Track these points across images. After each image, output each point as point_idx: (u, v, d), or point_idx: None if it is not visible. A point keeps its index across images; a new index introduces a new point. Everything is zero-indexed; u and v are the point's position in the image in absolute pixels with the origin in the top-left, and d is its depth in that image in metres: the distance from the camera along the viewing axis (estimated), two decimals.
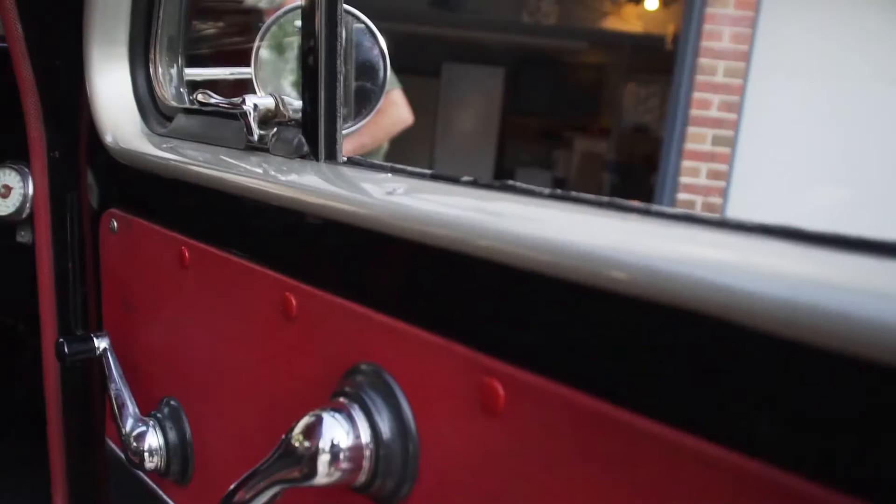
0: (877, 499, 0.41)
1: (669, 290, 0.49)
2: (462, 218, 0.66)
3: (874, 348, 0.39)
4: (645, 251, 0.52)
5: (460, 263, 0.65)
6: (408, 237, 0.70)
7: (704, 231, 0.56)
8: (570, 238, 0.57)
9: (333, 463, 0.72)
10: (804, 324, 0.42)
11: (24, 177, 1.54)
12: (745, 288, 0.45)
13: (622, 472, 0.53)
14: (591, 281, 0.54)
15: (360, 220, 0.76)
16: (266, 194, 0.89)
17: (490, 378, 0.63)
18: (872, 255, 0.46)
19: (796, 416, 0.44)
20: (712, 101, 5.60)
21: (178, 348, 1.15)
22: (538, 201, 0.68)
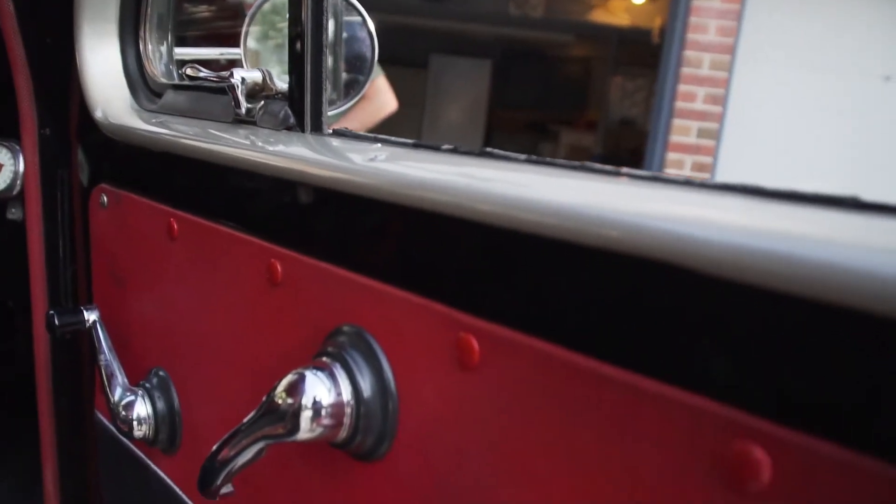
0: (830, 434, 0.43)
1: (635, 243, 0.51)
2: (439, 180, 0.68)
3: (828, 290, 0.42)
4: (612, 207, 0.54)
5: (438, 224, 0.68)
6: (387, 200, 0.72)
7: (669, 189, 0.58)
8: (541, 196, 0.59)
9: (315, 419, 0.74)
10: (753, 268, 0.44)
11: (14, 154, 1.54)
12: (705, 237, 0.48)
13: (591, 419, 0.56)
14: (561, 236, 0.56)
15: (342, 185, 0.78)
16: (252, 164, 0.91)
17: (466, 334, 0.65)
18: (821, 208, 0.49)
19: (745, 355, 0.46)
20: (698, 94, 5.63)
21: (167, 319, 1.17)
22: (514, 166, 0.70)
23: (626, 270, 0.53)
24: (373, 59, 1.47)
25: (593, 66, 10.68)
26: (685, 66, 5.61)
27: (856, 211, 0.48)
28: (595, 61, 10.61)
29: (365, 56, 1.47)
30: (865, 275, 0.40)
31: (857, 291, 0.40)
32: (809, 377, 0.43)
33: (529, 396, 0.60)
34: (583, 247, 0.55)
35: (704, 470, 0.48)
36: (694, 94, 5.64)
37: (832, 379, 0.42)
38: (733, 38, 5.56)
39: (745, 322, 0.46)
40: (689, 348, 0.49)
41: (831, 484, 0.42)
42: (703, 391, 0.48)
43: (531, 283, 0.60)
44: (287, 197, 0.87)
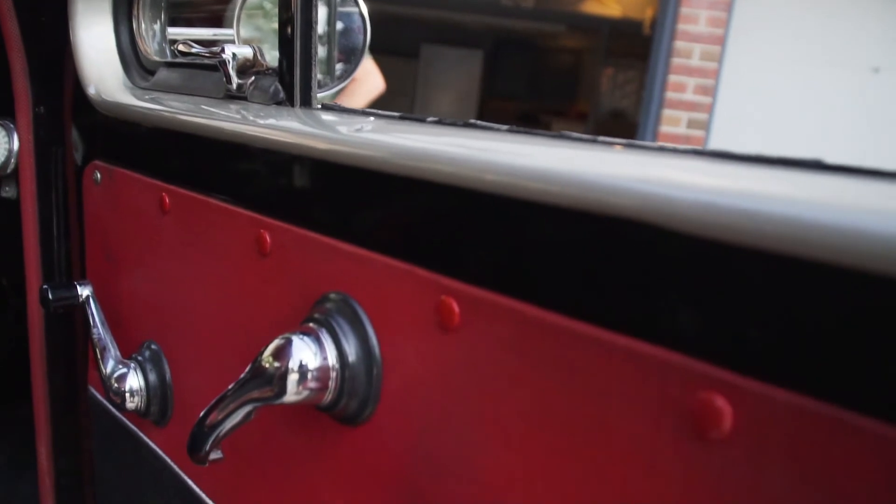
0: (787, 382, 0.45)
1: (605, 203, 0.53)
2: (421, 149, 0.70)
3: (787, 243, 0.43)
4: (584, 170, 0.56)
5: (420, 191, 0.69)
6: (372, 168, 0.74)
7: (640, 154, 0.60)
8: (517, 161, 0.61)
9: (301, 382, 0.75)
10: (716, 224, 0.46)
11: (8, 132, 1.55)
12: (671, 196, 0.49)
13: (565, 375, 0.57)
14: (536, 198, 0.58)
15: (327, 155, 0.79)
16: (242, 136, 0.92)
17: (447, 297, 0.66)
18: (786, 169, 0.50)
19: (708, 308, 0.48)
20: (688, 85, 5.65)
21: (159, 293, 1.18)
22: (496, 135, 0.72)
23: (595, 230, 0.55)
24: (365, 40, 1.48)
25: (584, 56, 10.69)
26: (675, 57, 5.62)
27: (818, 171, 0.50)
28: (586, 52, 10.61)
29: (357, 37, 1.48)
30: (823, 228, 0.42)
31: (815, 244, 0.42)
32: (769, 328, 0.45)
33: (506, 355, 0.62)
34: (555, 208, 0.57)
35: (671, 420, 0.50)
36: (684, 85, 5.65)
37: (790, 329, 0.44)
38: (723, 29, 5.57)
39: (709, 277, 0.48)
40: (657, 303, 0.51)
41: (789, 429, 0.44)
42: (671, 344, 0.50)
43: (507, 245, 0.62)
44: (275, 168, 0.89)
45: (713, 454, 0.48)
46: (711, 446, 0.48)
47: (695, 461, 0.49)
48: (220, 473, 1.06)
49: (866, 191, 0.46)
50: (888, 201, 0.44)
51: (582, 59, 10.74)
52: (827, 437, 0.42)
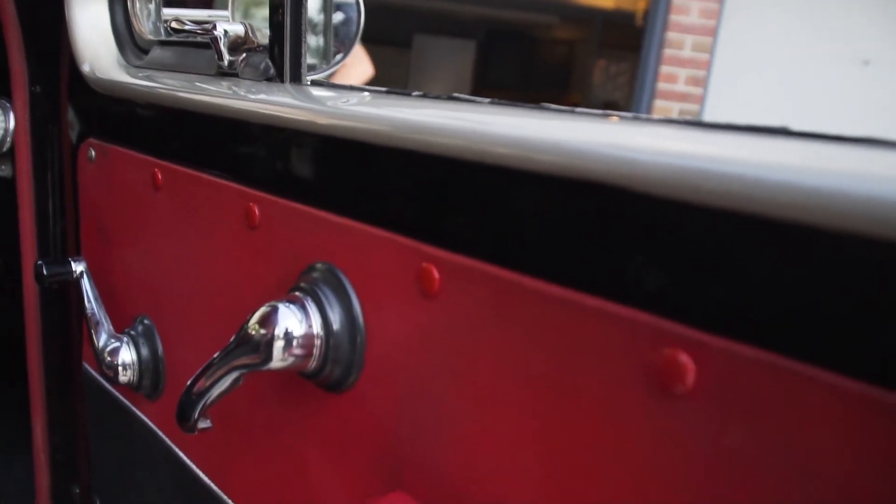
0: (747, 337, 0.46)
1: (575, 167, 0.54)
2: (403, 119, 0.71)
3: (749, 203, 0.45)
4: (558, 137, 0.57)
5: (402, 160, 0.70)
6: (356, 138, 0.75)
7: (614, 123, 0.61)
8: (493, 129, 0.62)
9: (287, 349, 0.76)
10: (683, 186, 0.47)
11: (5, 111, 1.55)
12: (639, 159, 0.50)
13: (539, 337, 0.58)
14: (511, 164, 0.59)
15: (313, 127, 0.80)
16: (231, 111, 0.93)
17: (427, 264, 0.67)
18: (754, 136, 0.52)
19: (673, 268, 0.49)
20: (679, 76, 5.66)
21: (152, 268, 1.19)
22: (478, 108, 0.73)
23: (567, 195, 0.56)
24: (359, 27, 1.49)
25: (577, 48, 10.65)
26: (667, 48, 5.62)
27: (783, 137, 0.51)
28: (579, 43, 10.58)
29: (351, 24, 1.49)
30: (783, 188, 0.43)
31: (775, 203, 0.43)
32: (730, 286, 0.46)
33: (484, 318, 0.63)
34: (528, 174, 0.58)
35: (638, 376, 0.51)
36: (676, 76, 5.66)
37: (750, 287, 0.45)
38: (715, 21, 5.58)
39: (673, 238, 0.49)
40: (625, 265, 0.52)
41: (749, 382, 0.45)
42: (638, 304, 0.51)
43: (482, 212, 0.63)
44: (263, 142, 0.90)
45: (677, 408, 0.49)
46: (676, 401, 0.49)
47: (660, 415, 0.50)
48: (210, 444, 1.07)
49: (827, 154, 0.47)
50: (846, 163, 0.45)
51: (575, 50, 10.71)
52: (786, 390, 0.44)
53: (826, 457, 0.42)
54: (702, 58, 5.60)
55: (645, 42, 5.78)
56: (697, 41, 5.56)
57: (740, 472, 0.46)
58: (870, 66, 5.49)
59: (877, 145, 0.47)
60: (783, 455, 0.44)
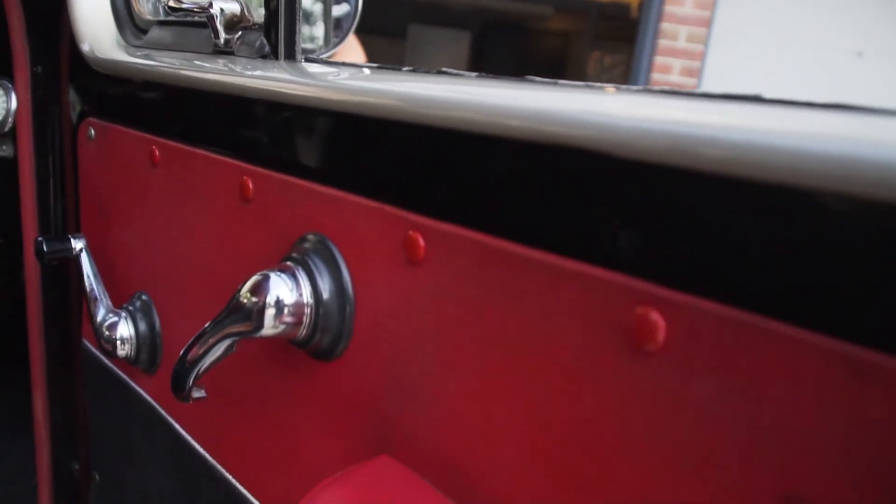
0: (715, 294, 0.47)
1: (554, 133, 0.55)
2: (389, 90, 0.72)
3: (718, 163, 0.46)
4: (537, 104, 0.58)
5: (390, 130, 0.71)
6: (345, 110, 0.76)
7: (595, 93, 0.62)
8: (474, 98, 0.63)
9: (278, 316, 0.77)
10: (654, 148, 0.48)
11: (6, 91, 1.56)
12: (613, 124, 0.51)
13: (520, 299, 0.59)
14: (492, 132, 0.60)
15: (305, 101, 0.81)
16: (226, 86, 0.94)
17: (413, 231, 0.68)
18: (727, 102, 0.53)
19: (645, 229, 0.50)
20: (674, 66, 5.65)
21: (149, 244, 1.20)
22: (465, 80, 0.74)
23: (544, 160, 0.57)
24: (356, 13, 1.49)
25: (572, 39, 10.61)
26: (662, 39, 5.62)
27: (756, 104, 0.52)
28: (573, 35, 10.54)
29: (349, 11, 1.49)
30: (754, 147, 0.44)
31: (740, 163, 0.44)
32: (698, 245, 0.47)
33: (466, 283, 0.64)
34: (508, 141, 0.59)
35: (612, 335, 0.52)
36: (670, 67, 5.65)
37: (718, 245, 0.46)
38: (710, 12, 5.57)
39: (645, 199, 0.50)
40: (599, 226, 0.53)
41: (717, 338, 0.46)
42: (612, 265, 0.52)
43: (466, 179, 0.64)
44: (257, 116, 0.91)
45: (648, 364, 0.50)
46: (647, 357, 0.50)
47: (633, 371, 0.51)
48: (204, 415, 1.08)
49: (794, 118, 0.48)
50: (811, 125, 0.46)
51: (569, 41, 10.66)
52: (751, 344, 0.45)
53: (790, 408, 0.44)
54: (696, 49, 5.59)
55: (640, 33, 5.77)
56: (692, 32, 5.56)
57: (708, 425, 0.47)
58: (863, 57, 5.49)
59: (844, 110, 0.48)
60: (749, 407, 0.45)
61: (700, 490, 0.48)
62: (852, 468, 0.41)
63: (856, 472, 0.41)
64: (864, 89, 5.41)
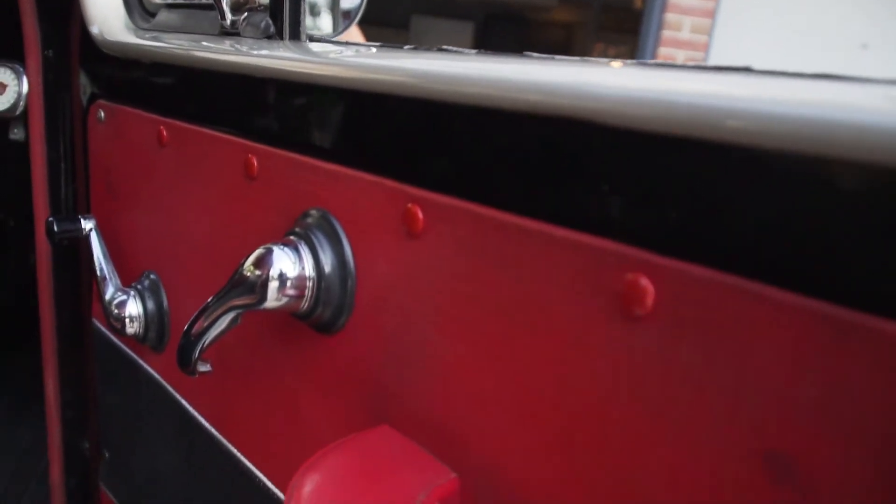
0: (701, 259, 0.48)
1: (546, 104, 0.56)
2: (390, 65, 0.73)
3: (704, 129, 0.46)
4: (531, 77, 0.59)
5: (390, 106, 0.72)
6: (347, 86, 0.77)
7: (590, 66, 0.63)
8: (468, 72, 0.64)
9: (281, 289, 0.78)
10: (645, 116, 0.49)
11: (18, 75, 1.58)
12: (604, 94, 0.52)
13: (515, 269, 0.60)
14: (488, 104, 0.61)
15: (308, 77, 0.82)
16: (231, 65, 0.95)
17: (412, 205, 0.69)
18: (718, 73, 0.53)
19: (634, 195, 0.51)
20: (677, 57, 5.63)
21: (157, 224, 1.21)
22: (465, 57, 0.75)
23: (537, 131, 0.58)
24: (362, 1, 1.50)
25: (575, 30, 10.54)
26: (666, 29, 5.59)
27: (746, 74, 0.52)
28: (577, 26, 10.46)
29: None
30: (737, 113, 0.45)
31: (726, 128, 0.45)
32: (687, 211, 0.48)
33: (464, 254, 0.65)
34: (502, 112, 0.60)
35: (603, 300, 0.53)
36: (674, 58, 5.63)
37: (705, 210, 0.47)
38: (714, 2, 5.55)
39: (635, 167, 0.51)
40: (591, 195, 0.54)
41: (704, 301, 0.47)
42: (603, 232, 0.53)
43: (462, 152, 0.65)
44: (262, 95, 0.91)
45: (637, 328, 0.51)
46: (636, 321, 0.51)
47: (623, 335, 0.52)
48: (210, 391, 1.09)
49: (779, 86, 0.48)
50: (795, 93, 0.46)
51: (573, 33, 10.58)
52: (738, 306, 0.46)
53: (773, 368, 0.44)
54: (700, 40, 5.57)
55: (643, 24, 5.75)
56: (696, 23, 5.53)
57: (694, 385, 0.48)
58: (868, 49, 5.46)
59: (832, 79, 0.49)
60: (734, 367, 0.46)
61: (686, 448, 0.49)
62: (833, 425, 0.42)
63: (836, 430, 0.42)
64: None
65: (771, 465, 0.45)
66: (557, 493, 0.59)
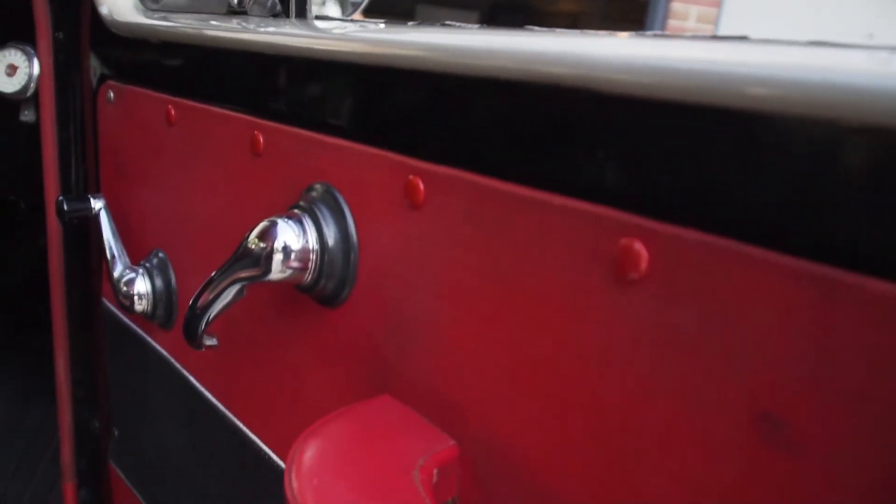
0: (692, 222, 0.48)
1: (544, 73, 0.56)
2: (390, 38, 0.73)
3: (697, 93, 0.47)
4: (528, 47, 0.60)
5: (392, 78, 0.73)
6: (350, 60, 0.77)
7: (588, 37, 0.63)
8: (467, 43, 0.64)
9: (285, 261, 0.79)
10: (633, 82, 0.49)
11: (29, 57, 1.58)
12: (600, 61, 0.53)
13: (515, 237, 0.61)
14: (484, 74, 0.62)
15: (311, 53, 0.82)
16: (238, 42, 0.95)
17: (413, 176, 0.70)
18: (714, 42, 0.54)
19: (629, 161, 0.52)
20: None
21: (165, 203, 1.22)
22: (467, 31, 0.75)
23: (536, 100, 0.58)
24: None
25: (581, 21, 10.45)
26: (672, 19, 5.57)
27: (741, 42, 0.53)
28: (582, 16, 10.38)
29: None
30: (727, 76, 0.45)
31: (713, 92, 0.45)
32: (680, 175, 0.49)
33: (463, 225, 0.65)
34: (498, 83, 0.60)
35: (599, 266, 0.54)
36: None
37: (696, 173, 0.48)
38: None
39: (629, 133, 0.51)
40: (586, 162, 0.55)
41: (695, 263, 0.48)
42: (598, 199, 0.54)
43: (461, 122, 0.66)
44: (267, 71, 0.92)
45: (631, 292, 0.52)
46: (630, 286, 0.52)
47: (617, 300, 0.53)
48: (216, 366, 1.10)
49: (771, 52, 0.49)
50: (786, 57, 0.46)
51: (578, 23, 10.47)
52: (730, 269, 0.46)
53: (765, 330, 0.45)
54: (706, 29, 5.55)
55: (649, 13, 5.72)
56: (702, 12, 5.50)
57: (687, 347, 0.49)
58: (874, 39, 5.43)
59: (825, 46, 0.49)
60: (726, 329, 0.47)
61: (679, 411, 0.50)
62: (821, 384, 0.42)
63: (828, 390, 0.42)
64: None
65: (761, 423, 0.45)
66: (554, 458, 0.60)
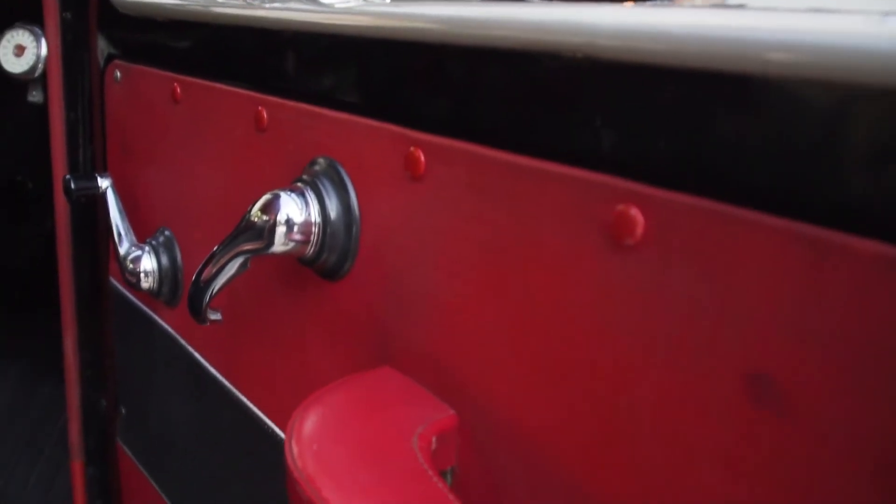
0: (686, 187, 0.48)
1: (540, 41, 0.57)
2: (391, 11, 0.74)
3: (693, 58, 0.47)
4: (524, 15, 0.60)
5: (390, 50, 0.73)
6: (350, 33, 0.77)
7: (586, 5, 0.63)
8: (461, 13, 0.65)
9: (288, 234, 0.80)
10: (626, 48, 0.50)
11: (37, 37, 1.59)
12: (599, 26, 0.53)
13: (513, 205, 0.61)
14: (480, 43, 0.62)
15: (313, 27, 0.83)
16: (242, 18, 0.95)
17: (414, 148, 0.70)
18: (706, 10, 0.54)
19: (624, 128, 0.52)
20: None
21: (171, 180, 1.22)
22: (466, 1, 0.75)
23: (532, 68, 0.58)
24: None
25: None
26: None
27: (740, 10, 0.53)
28: None
29: None
30: (720, 41, 0.45)
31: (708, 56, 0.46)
32: (674, 141, 0.49)
33: (463, 195, 0.66)
34: (495, 51, 0.61)
35: (595, 232, 0.54)
36: None
37: (691, 139, 0.48)
38: None
39: (623, 99, 0.52)
40: (583, 129, 0.55)
41: (689, 227, 0.48)
42: (595, 166, 0.54)
43: (462, 93, 0.66)
44: (270, 47, 0.92)
45: (627, 257, 0.52)
46: (626, 251, 0.52)
47: (614, 265, 0.53)
48: (220, 342, 1.11)
49: (767, 18, 0.48)
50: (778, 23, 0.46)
51: None
52: (723, 232, 0.46)
53: (758, 291, 0.45)
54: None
55: None
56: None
57: (681, 310, 0.49)
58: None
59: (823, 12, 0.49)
60: (719, 292, 0.47)
61: (677, 374, 0.50)
62: (815, 346, 0.43)
63: (818, 351, 0.43)
64: None
65: (753, 384, 0.45)
66: (552, 426, 0.60)
